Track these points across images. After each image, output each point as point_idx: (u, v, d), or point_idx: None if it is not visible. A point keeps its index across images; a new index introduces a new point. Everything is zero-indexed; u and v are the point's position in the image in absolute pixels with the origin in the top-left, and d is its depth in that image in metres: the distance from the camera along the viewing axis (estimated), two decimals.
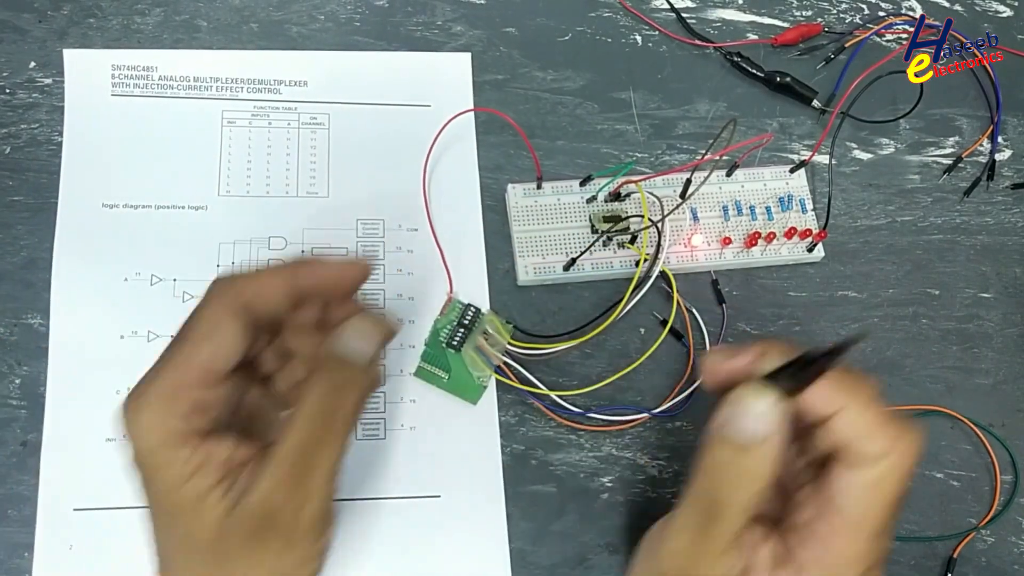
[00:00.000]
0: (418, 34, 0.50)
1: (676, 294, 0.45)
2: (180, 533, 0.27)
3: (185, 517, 0.27)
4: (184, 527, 0.27)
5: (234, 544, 0.27)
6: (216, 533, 0.26)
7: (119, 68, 0.46)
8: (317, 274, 0.30)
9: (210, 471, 0.27)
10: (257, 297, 0.29)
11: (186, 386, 0.27)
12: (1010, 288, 0.50)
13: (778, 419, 0.27)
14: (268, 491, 0.27)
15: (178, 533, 0.27)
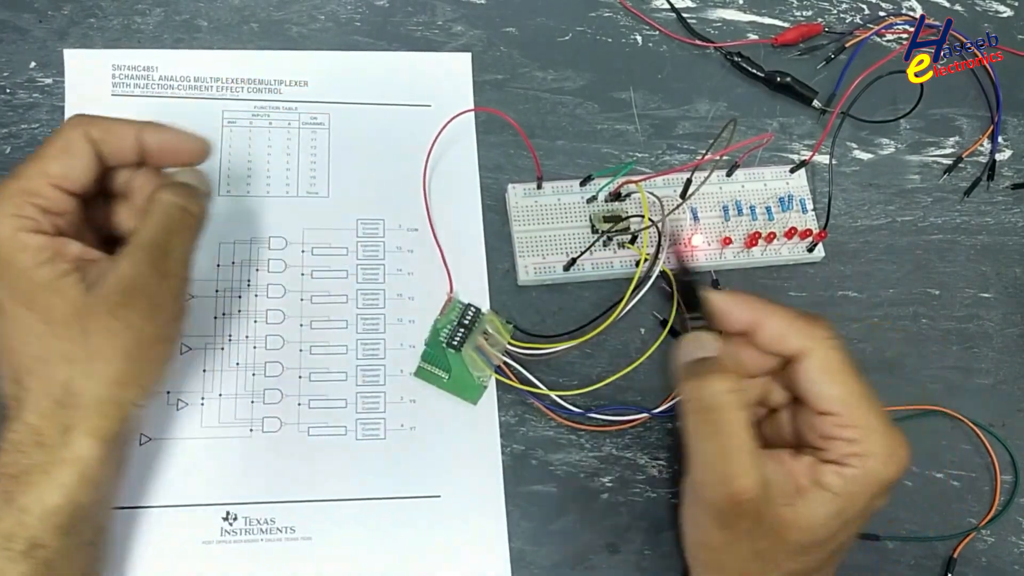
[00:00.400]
0: (418, 34, 0.50)
1: (676, 294, 0.44)
2: (37, 316, 0.31)
3: (43, 296, 0.31)
4: (42, 309, 0.31)
5: (99, 315, 0.32)
6: (77, 308, 0.31)
7: (119, 68, 0.46)
8: (161, 136, 0.35)
9: (63, 261, 0.32)
10: (108, 134, 0.34)
11: (37, 190, 0.32)
12: (1010, 288, 0.50)
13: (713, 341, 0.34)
14: (131, 268, 0.32)
15: (35, 317, 0.31)
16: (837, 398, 0.33)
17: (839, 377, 0.33)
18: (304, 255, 0.44)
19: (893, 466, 0.32)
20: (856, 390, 0.33)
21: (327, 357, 0.43)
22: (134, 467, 0.40)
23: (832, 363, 0.33)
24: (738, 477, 0.31)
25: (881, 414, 0.33)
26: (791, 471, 0.33)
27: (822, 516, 0.32)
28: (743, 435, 0.32)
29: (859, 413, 0.33)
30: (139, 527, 0.39)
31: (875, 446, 0.32)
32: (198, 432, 0.41)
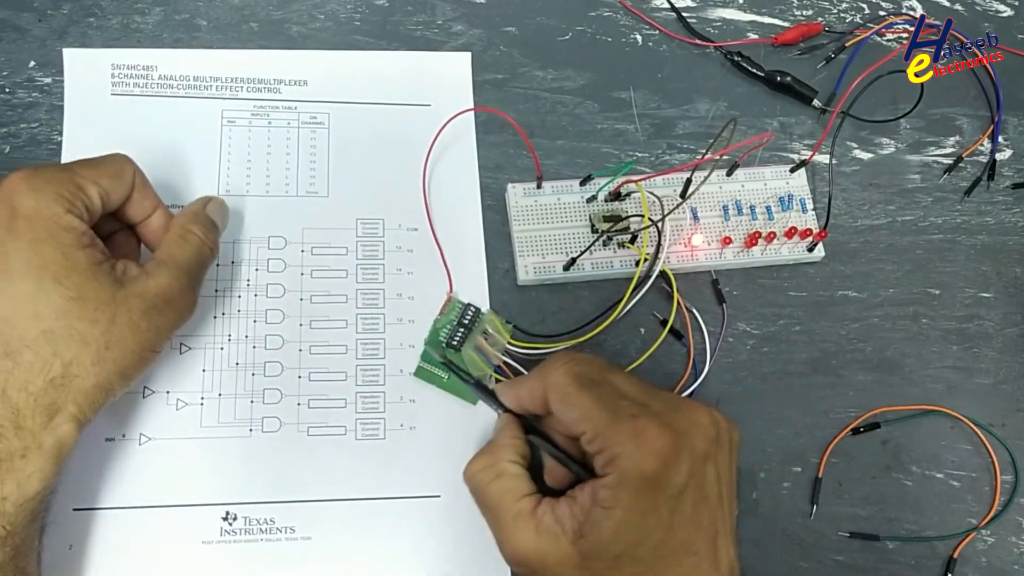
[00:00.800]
0: (418, 33, 0.50)
1: (676, 294, 0.44)
2: (65, 293, 0.33)
3: (78, 276, 0.33)
4: (74, 287, 0.33)
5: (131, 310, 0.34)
6: (110, 297, 0.33)
7: (119, 67, 0.46)
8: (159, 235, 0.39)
9: (99, 251, 0.35)
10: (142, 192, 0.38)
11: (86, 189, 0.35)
12: (1010, 288, 0.50)
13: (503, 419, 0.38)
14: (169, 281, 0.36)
15: (62, 292, 0.33)
16: (578, 418, 0.34)
17: (574, 399, 0.34)
18: (304, 255, 0.44)
19: (646, 456, 0.32)
20: (589, 403, 0.34)
21: (327, 357, 0.43)
22: (134, 467, 0.40)
23: (565, 389, 0.35)
24: (505, 543, 0.35)
25: (621, 413, 0.33)
26: (580, 503, 0.34)
27: (607, 532, 0.32)
28: (502, 504, 0.35)
29: (598, 423, 0.33)
30: (139, 527, 0.39)
31: (620, 446, 0.33)
32: (198, 432, 0.41)
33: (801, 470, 0.45)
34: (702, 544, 0.33)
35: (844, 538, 0.44)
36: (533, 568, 0.34)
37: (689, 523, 0.33)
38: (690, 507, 0.33)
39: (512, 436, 0.37)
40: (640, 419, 0.33)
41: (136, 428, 0.40)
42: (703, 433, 0.34)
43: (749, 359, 0.46)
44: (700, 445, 0.33)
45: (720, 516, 0.34)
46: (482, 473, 0.36)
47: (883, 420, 0.46)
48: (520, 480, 0.36)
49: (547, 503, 0.35)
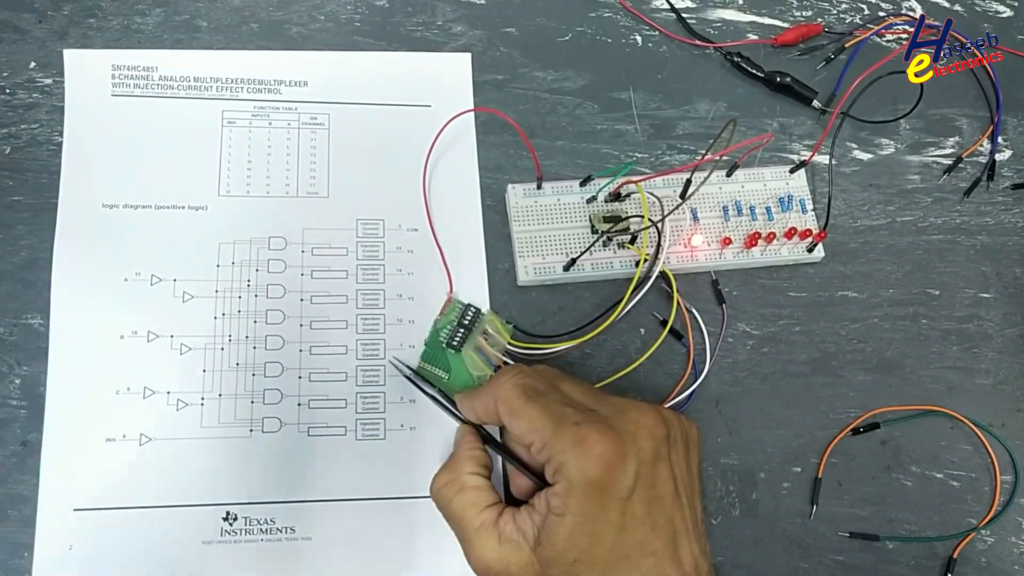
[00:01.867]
0: (418, 34, 0.50)
1: (676, 294, 0.44)
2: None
3: None
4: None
5: None
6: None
7: (119, 68, 0.46)
8: None
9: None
10: None
11: None
12: (1010, 288, 0.50)
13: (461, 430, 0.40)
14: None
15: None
16: (525, 430, 0.35)
17: (520, 411, 0.35)
18: (304, 255, 0.44)
19: (589, 462, 0.33)
20: (533, 415, 0.34)
21: (327, 357, 0.43)
22: (134, 467, 0.40)
23: (512, 402, 0.35)
24: (470, 554, 0.36)
25: (565, 421, 0.34)
26: (538, 511, 0.34)
27: (562, 539, 0.33)
28: (465, 517, 0.36)
29: (544, 433, 0.34)
30: (139, 527, 0.39)
31: (564, 454, 0.33)
32: (198, 432, 0.41)
33: (801, 470, 0.45)
34: (660, 544, 0.33)
35: (844, 538, 0.44)
36: None
37: (643, 524, 0.33)
38: (642, 508, 0.33)
39: (471, 447, 0.39)
40: (583, 426, 0.33)
41: (136, 428, 0.40)
42: (650, 434, 0.34)
43: (749, 359, 0.46)
44: (647, 446, 0.34)
45: (679, 514, 0.34)
46: (445, 488, 0.37)
47: (883, 420, 0.46)
48: (481, 492, 0.37)
49: (509, 512, 0.35)
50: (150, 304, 0.42)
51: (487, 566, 0.35)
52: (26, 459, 0.40)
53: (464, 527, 0.36)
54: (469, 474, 0.37)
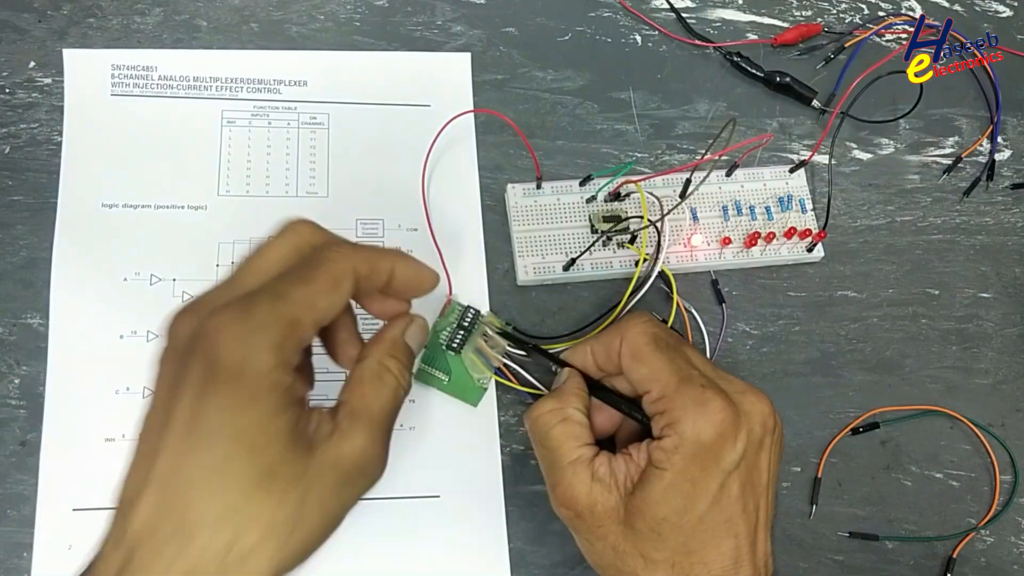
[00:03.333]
0: (418, 34, 0.50)
1: (676, 294, 0.44)
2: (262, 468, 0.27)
3: (275, 448, 0.27)
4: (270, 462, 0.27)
5: (321, 487, 0.28)
6: (301, 472, 0.28)
7: (119, 68, 0.46)
8: (409, 269, 0.33)
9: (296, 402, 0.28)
10: (372, 271, 0.31)
11: (301, 321, 0.29)
12: (1010, 288, 0.50)
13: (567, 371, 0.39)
14: (364, 447, 0.30)
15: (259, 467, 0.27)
16: (645, 376, 0.35)
17: (647, 357, 0.35)
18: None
19: (707, 425, 0.33)
20: (662, 365, 0.35)
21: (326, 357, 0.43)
22: None
23: (637, 346, 0.35)
24: (558, 484, 0.35)
25: (692, 380, 0.34)
26: (636, 461, 0.34)
27: (657, 493, 0.33)
28: (563, 447, 0.35)
29: (666, 384, 0.34)
30: None
31: (683, 410, 0.33)
32: None
33: (800, 470, 0.45)
34: (744, 528, 0.34)
35: (843, 538, 0.44)
36: (580, 513, 0.34)
37: (735, 503, 0.33)
38: (738, 488, 0.33)
39: (579, 387, 0.38)
40: (708, 390, 0.33)
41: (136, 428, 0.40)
42: (763, 420, 0.34)
43: (748, 359, 0.46)
44: (758, 430, 0.34)
45: (764, 507, 0.35)
46: (549, 415, 0.37)
47: (882, 420, 0.46)
48: (583, 428, 0.36)
49: (604, 455, 0.35)
50: (149, 304, 0.42)
51: (574, 498, 0.34)
52: (25, 459, 0.40)
53: (559, 457, 0.35)
54: (574, 408, 0.37)
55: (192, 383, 0.27)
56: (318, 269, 0.30)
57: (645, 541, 0.33)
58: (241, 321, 0.27)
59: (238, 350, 0.27)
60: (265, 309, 0.28)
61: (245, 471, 0.27)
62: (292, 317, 0.28)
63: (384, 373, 0.32)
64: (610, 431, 0.39)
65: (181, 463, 0.27)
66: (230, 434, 0.27)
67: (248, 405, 0.27)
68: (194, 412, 0.27)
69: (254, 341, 0.27)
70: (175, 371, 0.28)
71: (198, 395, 0.27)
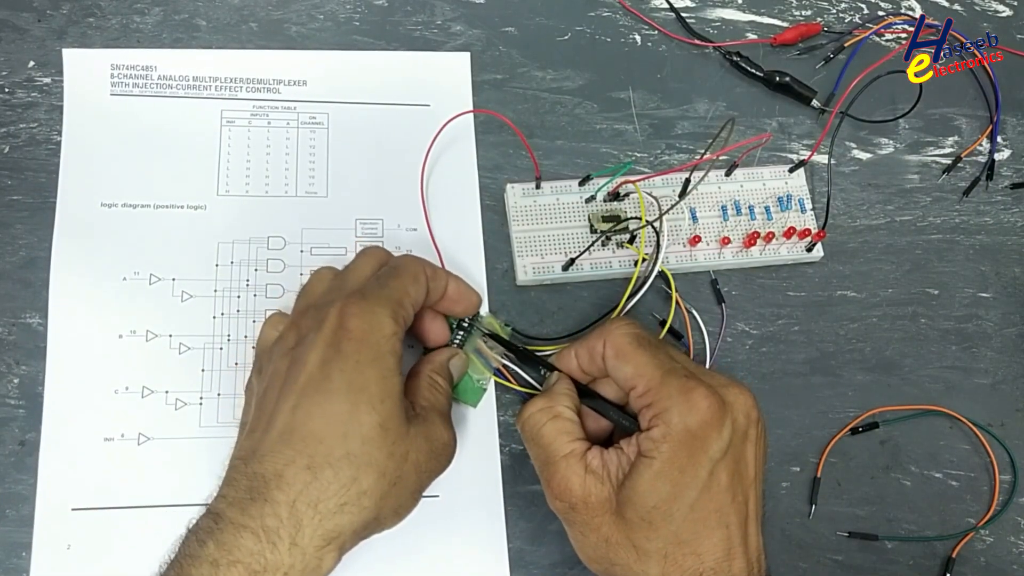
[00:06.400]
0: (417, 33, 0.50)
1: (675, 294, 0.44)
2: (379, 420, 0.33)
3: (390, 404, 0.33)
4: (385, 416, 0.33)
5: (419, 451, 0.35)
6: (407, 432, 0.34)
7: (118, 67, 0.46)
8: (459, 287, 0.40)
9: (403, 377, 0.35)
10: (434, 279, 0.38)
11: (404, 304, 0.36)
12: (1009, 288, 0.50)
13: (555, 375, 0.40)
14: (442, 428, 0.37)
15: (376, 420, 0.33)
16: (630, 373, 0.36)
17: (630, 355, 0.36)
18: (303, 255, 0.44)
19: (693, 413, 0.33)
20: (645, 360, 0.36)
21: None
22: (134, 467, 0.40)
23: (620, 345, 0.36)
24: (552, 477, 0.36)
25: (675, 373, 0.35)
26: (627, 453, 0.35)
27: (647, 482, 0.33)
28: (555, 443, 0.36)
29: (651, 379, 0.35)
30: (139, 527, 0.39)
31: (669, 400, 0.34)
32: (197, 432, 0.41)
33: (800, 470, 0.45)
34: (735, 519, 0.34)
35: (843, 538, 0.44)
36: (574, 504, 0.35)
37: (724, 492, 0.34)
38: (726, 477, 0.34)
39: (568, 388, 0.39)
40: (692, 379, 0.34)
41: (135, 428, 0.40)
42: (746, 411, 0.35)
43: (748, 359, 0.46)
44: (742, 420, 0.35)
45: (753, 498, 0.35)
46: (539, 414, 0.37)
47: (882, 420, 0.46)
48: (573, 424, 0.37)
49: (597, 449, 0.36)
50: (149, 303, 0.42)
51: (569, 490, 0.35)
52: (24, 458, 0.40)
53: (552, 452, 0.36)
54: (563, 406, 0.38)
55: (319, 351, 0.33)
56: (400, 269, 0.37)
57: (637, 531, 0.34)
58: (362, 301, 0.34)
59: (364, 320, 0.34)
60: (377, 293, 0.35)
61: (367, 422, 0.32)
62: (398, 297, 0.35)
63: (436, 384, 0.38)
64: (601, 437, 0.39)
65: (309, 412, 0.32)
66: (356, 388, 0.33)
67: (372, 363, 0.33)
68: (322, 372, 0.33)
69: (375, 313, 0.34)
70: (294, 348, 0.34)
71: (326, 359, 0.33)
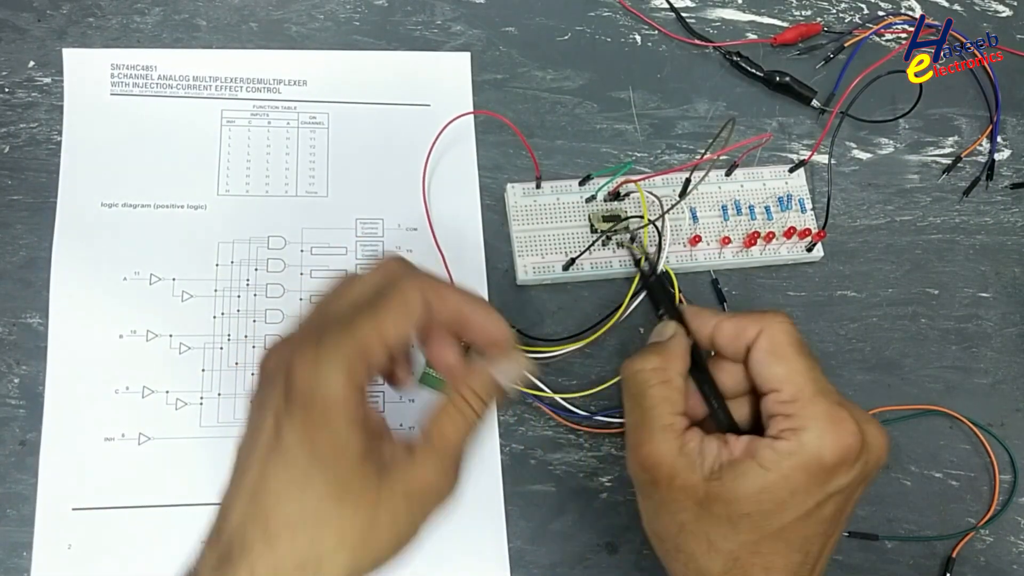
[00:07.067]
0: (417, 33, 0.50)
1: (678, 293, 0.45)
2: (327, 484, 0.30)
3: (343, 467, 0.30)
4: (337, 480, 0.30)
5: (391, 510, 0.31)
6: (373, 494, 0.31)
7: (118, 67, 0.46)
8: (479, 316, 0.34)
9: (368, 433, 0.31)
10: (441, 302, 0.33)
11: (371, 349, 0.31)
12: (1009, 288, 0.50)
13: (674, 328, 0.36)
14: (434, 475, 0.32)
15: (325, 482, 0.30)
16: (780, 376, 0.33)
17: (785, 356, 0.34)
18: (303, 254, 0.44)
19: (833, 443, 0.32)
20: (800, 369, 0.33)
21: None
22: (134, 467, 0.40)
23: (779, 344, 0.34)
24: (643, 444, 0.33)
25: (828, 395, 0.33)
26: (731, 449, 0.33)
27: (749, 488, 0.32)
28: (657, 409, 0.34)
29: (800, 390, 0.33)
30: (139, 527, 0.39)
31: (813, 421, 0.32)
32: (197, 432, 0.41)
33: None
34: (816, 550, 0.33)
35: (843, 537, 0.44)
36: (656, 480, 0.33)
37: (821, 525, 0.33)
38: (831, 512, 0.33)
39: (685, 350, 0.36)
40: (842, 409, 0.32)
41: (135, 427, 0.40)
42: (879, 456, 0.33)
43: None
44: (872, 465, 0.33)
45: (836, 538, 0.34)
46: (651, 373, 0.35)
47: (882, 420, 0.46)
48: (680, 395, 0.35)
49: (696, 431, 0.34)
50: (149, 303, 0.42)
51: (656, 464, 0.33)
52: (25, 458, 0.40)
53: (651, 418, 0.34)
54: (676, 372, 0.35)
55: (274, 407, 0.30)
56: (389, 297, 0.32)
57: (717, 528, 0.33)
58: (313, 351, 0.30)
59: (310, 377, 0.30)
60: (334, 340, 0.31)
61: (321, 483, 0.30)
62: (361, 346, 0.31)
63: (464, 408, 0.33)
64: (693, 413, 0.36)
65: (266, 474, 0.30)
66: (307, 451, 0.30)
67: (321, 425, 0.30)
68: (276, 432, 0.30)
69: (324, 369, 0.30)
70: (262, 398, 0.32)
71: (279, 417, 0.30)
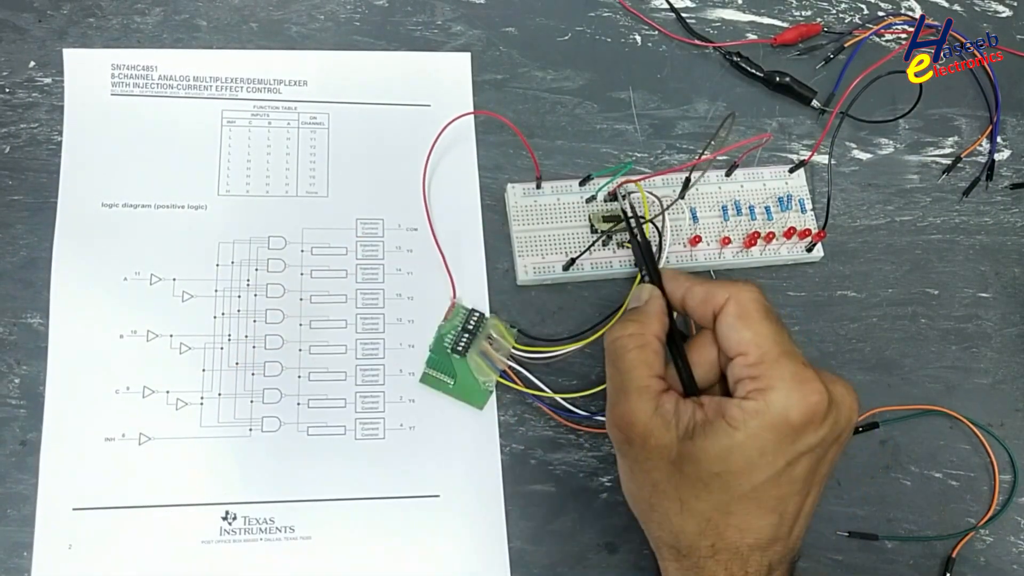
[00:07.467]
0: (417, 34, 0.50)
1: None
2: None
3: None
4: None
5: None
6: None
7: (119, 67, 0.46)
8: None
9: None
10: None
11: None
12: (1009, 288, 0.50)
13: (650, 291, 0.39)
14: None
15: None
16: (747, 339, 0.34)
17: (751, 320, 0.34)
18: (303, 255, 0.44)
19: (799, 403, 0.32)
20: (766, 332, 0.34)
21: (326, 357, 0.43)
22: (134, 467, 0.40)
23: (746, 309, 0.35)
24: (618, 404, 0.35)
25: (794, 356, 0.33)
26: (705, 411, 0.34)
27: (718, 447, 0.32)
28: (634, 372, 0.35)
29: (767, 353, 0.33)
30: (139, 527, 0.39)
31: (779, 382, 0.33)
32: (197, 432, 0.41)
33: None
34: (791, 510, 0.34)
35: (843, 537, 0.44)
36: (631, 439, 0.34)
37: (793, 484, 0.33)
38: (803, 472, 0.33)
39: (662, 312, 0.37)
40: (808, 370, 0.33)
41: (135, 427, 0.40)
42: (848, 415, 0.34)
43: None
44: (842, 423, 0.34)
45: (814, 496, 0.35)
46: (628, 339, 0.36)
47: (882, 420, 0.46)
48: (657, 358, 0.36)
49: (673, 394, 0.35)
50: (149, 303, 0.42)
51: (631, 423, 0.34)
52: (25, 458, 0.40)
53: (628, 381, 0.35)
54: (653, 335, 0.36)
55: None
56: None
57: (688, 488, 0.33)
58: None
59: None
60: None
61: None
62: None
63: None
64: None
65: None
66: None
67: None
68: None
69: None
70: None
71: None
